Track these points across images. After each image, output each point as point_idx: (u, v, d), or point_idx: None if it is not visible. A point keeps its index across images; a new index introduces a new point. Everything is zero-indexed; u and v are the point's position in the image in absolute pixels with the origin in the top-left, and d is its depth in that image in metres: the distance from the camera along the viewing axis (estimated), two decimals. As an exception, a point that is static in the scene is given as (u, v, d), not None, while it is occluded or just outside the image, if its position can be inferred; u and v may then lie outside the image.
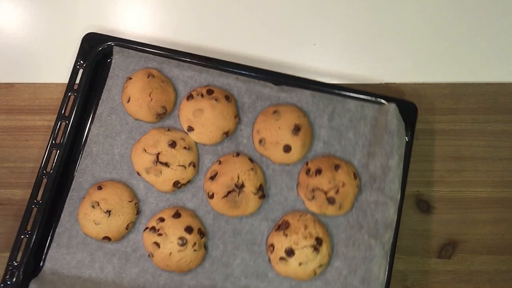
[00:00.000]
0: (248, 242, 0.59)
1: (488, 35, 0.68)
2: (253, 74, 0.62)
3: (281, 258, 0.57)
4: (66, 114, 0.60)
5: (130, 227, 0.59)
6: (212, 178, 0.59)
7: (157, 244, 0.57)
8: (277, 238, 0.58)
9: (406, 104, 0.61)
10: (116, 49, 0.62)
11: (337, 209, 0.59)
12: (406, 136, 0.60)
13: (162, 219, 0.57)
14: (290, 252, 0.57)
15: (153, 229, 0.57)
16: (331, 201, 0.58)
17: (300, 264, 0.57)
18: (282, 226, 0.58)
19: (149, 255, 0.58)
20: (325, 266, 0.58)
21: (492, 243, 0.66)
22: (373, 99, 0.62)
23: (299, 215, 0.59)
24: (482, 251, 0.66)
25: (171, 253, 0.56)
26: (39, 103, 0.64)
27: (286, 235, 0.57)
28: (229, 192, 0.58)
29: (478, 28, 0.68)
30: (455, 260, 0.65)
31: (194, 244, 0.57)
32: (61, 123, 0.60)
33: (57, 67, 0.62)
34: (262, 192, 0.59)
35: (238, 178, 0.58)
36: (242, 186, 0.58)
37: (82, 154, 0.60)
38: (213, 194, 0.58)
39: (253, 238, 0.59)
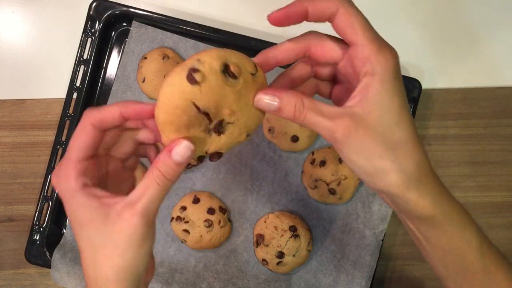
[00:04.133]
0: (252, 223, 0.62)
1: (499, 39, 0.67)
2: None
3: (278, 263, 0.60)
4: (78, 85, 0.62)
5: None
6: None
7: (186, 231, 0.60)
8: (262, 251, 0.60)
9: (410, 81, 0.62)
10: (134, 24, 0.62)
11: (337, 199, 0.61)
12: None
13: (184, 208, 0.60)
14: (280, 255, 0.60)
15: (179, 218, 0.60)
16: (332, 192, 0.61)
17: (294, 255, 0.60)
18: (260, 240, 0.60)
19: (182, 241, 0.61)
20: (312, 239, 0.61)
21: (508, 248, 0.65)
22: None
23: (263, 221, 0.61)
24: (498, 256, 0.65)
25: (201, 235, 0.60)
26: (51, 118, 0.65)
27: (267, 245, 0.60)
28: None
29: (489, 32, 0.68)
30: (471, 266, 0.65)
31: (219, 222, 0.60)
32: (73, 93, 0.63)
33: (67, 82, 0.62)
34: None
35: None
36: None
37: None
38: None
39: (257, 219, 0.62)
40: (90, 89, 0.63)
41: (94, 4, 0.62)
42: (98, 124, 0.34)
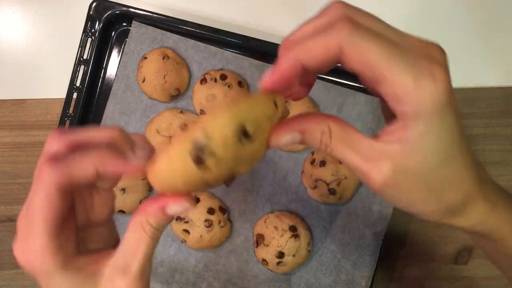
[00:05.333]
0: (252, 223, 0.62)
1: (499, 39, 0.67)
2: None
3: (278, 263, 0.60)
4: (78, 85, 0.62)
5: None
6: None
7: (186, 231, 0.60)
8: (263, 251, 0.60)
9: None
10: (134, 24, 0.62)
11: (337, 199, 0.61)
12: None
13: None
14: (280, 255, 0.59)
15: (178, 218, 0.60)
16: (332, 192, 0.60)
17: (294, 255, 0.60)
18: (260, 240, 0.60)
19: (182, 241, 0.61)
20: (312, 239, 0.61)
21: (508, 248, 0.65)
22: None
23: (263, 221, 0.61)
24: (498, 256, 0.65)
25: (201, 235, 0.60)
26: (51, 118, 0.65)
27: (267, 245, 0.60)
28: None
29: (489, 32, 0.67)
30: (471, 266, 0.65)
31: (219, 222, 0.60)
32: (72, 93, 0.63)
33: (67, 82, 0.62)
34: None
35: None
36: None
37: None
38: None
39: (257, 219, 0.62)
40: (90, 89, 0.63)
41: (94, 4, 0.62)
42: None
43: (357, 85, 0.64)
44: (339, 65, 0.26)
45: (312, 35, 0.25)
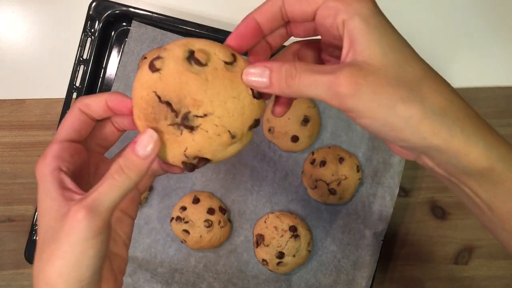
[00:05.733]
0: (252, 223, 0.62)
1: (499, 39, 0.67)
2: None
3: (278, 263, 0.60)
4: (78, 84, 0.62)
5: (143, 202, 0.62)
6: None
7: (186, 231, 0.60)
8: (263, 251, 0.60)
9: None
10: (134, 24, 0.62)
11: (337, 199, 0.61)
12: None
13: (184, 208, 0.60)
14: (280, 255, 0.59)
15: (178, 218, 0.60)
16: (332, 192, 0.61)
17: (294, 256, 0.60)
18: (260, 240, 0.60)
19: (182, 241, 0.61)
20: (312, 239, 0.61)
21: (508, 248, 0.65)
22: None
23: (263, 221, 0.61)
24: (498, 256, 0.65)
25: (201, 235, 0.60)
26: (51, 118, 0.65)
27: (267, 245, 0.60)
28: None
29: (489, 31, 0.67)
30: (471, 266, 0.65)
31: (219, 222, 0.60)
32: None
33: (67, 82, 0.62)
34: None
35: None
36: None
37: None
38: None
39: (257, 219, 0.62)
40: (90, 89, 0.63)
41: (94, 4, 0.62)
42: (85, 108, 0.33)
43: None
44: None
45: None
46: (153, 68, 0.30)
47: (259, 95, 0.31)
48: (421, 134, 0.26)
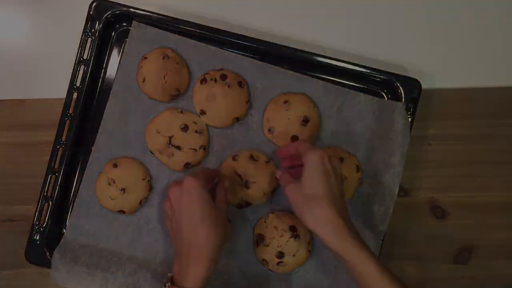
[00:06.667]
0: (252, 223, 0.63)
1: (500, 39, 0.67)
2: (272, 53, 0.63)
3: (278, 263, 0.60)
4: (78, 85, 0.63)
5: (143, 202, 0.62)
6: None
7: None
8: (262, 251, 0.61)
9: (410, 81, 0.63)
10: (134, 24, 0.62)
11: None
12: (409, 113, 0.63)
13: None
14: (281, 255, 0.60)
15: None
16: None
17: (294, 255, 0.60)
18: (260, 240, 0.61)
19: None
20: (311, 239, 0.61)
21: (508, 248, 0.66)
22: (381, 92, 0.65)
23: (263, 221, 0.61)
24: (498, 256, 0.65)
25: None
26: (51, 118, 0.64)
27: (267, 245, 0.60)
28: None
29: (490, 32, 0.68)
30: (471, 266, 0.65)
31: None
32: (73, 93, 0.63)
33: (67, 82, 0.62)
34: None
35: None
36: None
37: (98, 130, 0.62)
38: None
39: (257, 219, 0.63)
40: (90, 89, 0.63)
41: (94, 4, 0.62)
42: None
43: (357, 85, 0.64)
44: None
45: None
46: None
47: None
48: (307, 222, 0.52)
